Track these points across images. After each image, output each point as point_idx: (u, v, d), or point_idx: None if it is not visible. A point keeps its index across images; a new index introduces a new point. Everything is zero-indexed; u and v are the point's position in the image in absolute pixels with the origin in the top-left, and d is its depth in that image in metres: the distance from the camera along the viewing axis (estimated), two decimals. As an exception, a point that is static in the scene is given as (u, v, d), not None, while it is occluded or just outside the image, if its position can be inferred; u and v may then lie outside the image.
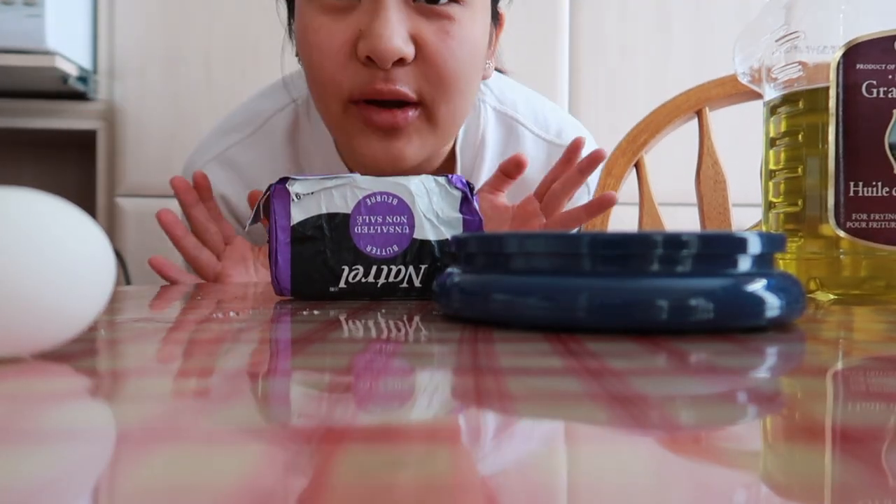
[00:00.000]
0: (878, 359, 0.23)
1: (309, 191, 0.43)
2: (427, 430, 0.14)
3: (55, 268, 0.21)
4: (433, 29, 0.64)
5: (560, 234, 0.30)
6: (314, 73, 0.67)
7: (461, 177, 0.44)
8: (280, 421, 0.15)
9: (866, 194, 0.43)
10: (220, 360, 0.22)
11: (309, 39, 0.66)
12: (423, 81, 0.65)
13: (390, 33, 0.61)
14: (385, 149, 0.66)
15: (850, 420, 0.15)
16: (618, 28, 1.44)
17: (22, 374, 0.20)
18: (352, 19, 0.63)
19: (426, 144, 0.68)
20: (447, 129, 0.69)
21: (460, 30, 0.65)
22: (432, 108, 0.66)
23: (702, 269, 0.28)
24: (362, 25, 0.63)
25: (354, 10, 0.64)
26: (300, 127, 0.81)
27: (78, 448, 0.13)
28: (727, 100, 0.89)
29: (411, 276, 0.43)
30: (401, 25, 0.62)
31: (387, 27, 0.61)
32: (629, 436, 0.14)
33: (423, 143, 0.68)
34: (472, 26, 0.66)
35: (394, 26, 0.61)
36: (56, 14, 1.23)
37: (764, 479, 0.12)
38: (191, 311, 0.38)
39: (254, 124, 0.81)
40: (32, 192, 0.22)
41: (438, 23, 0.64)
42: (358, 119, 0.66)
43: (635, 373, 0.20)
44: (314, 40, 0.65)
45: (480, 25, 0.68)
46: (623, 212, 0.98)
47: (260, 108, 0.82)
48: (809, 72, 0.45)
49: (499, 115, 0.83)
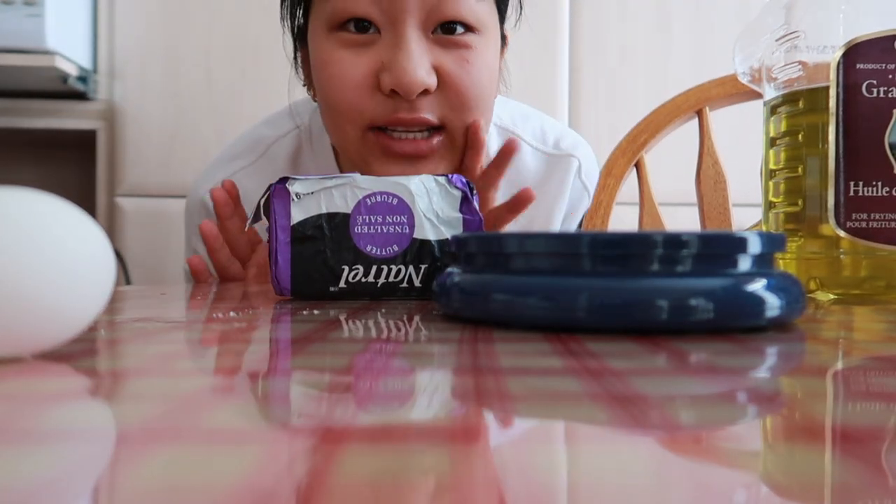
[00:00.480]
0: (878, 359, 0.23)
1: (309, 190, 0.43)
2: (427, 430, 0.14)
3: (55, 268, 0.21)
4: (452, 58, 0.66)
5: (560, 234, 0.30)
6: (333, 102, 0.68)
7: (461, 177, 0.44)
8: (280, 421, 0.15)
9: (866, 194, 0.43)
10: (221, 360, 0.22)
11: (330, 72, 0.67)
12: (447, 108, 0.67)
13: (414, 66, 0.63)
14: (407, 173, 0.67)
15: (850, 420, 0.15)
16: (618, 28, 1.44)
17: (22, 374, 0.20)
18: (373, 53, 0.65)
19: (449, 167, 0.70)
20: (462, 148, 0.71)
21: (477, 57, 0.67)
22: (454, 133, 0.68)
23: (702, 269, 0.28)
24: (384, 58, 0.65)
25: (375, 44, 0.65)
26: (302, 154, 0.82)
27: (78, 448, 0.13)
28: (727, 100, 0.90)
29: (411, 276, 0.43)
30: (423, 58, 0.64)
31: (410, 60, 0.63)
32: (629, 436, 0.14)
33: (446, 167, 0.70)
34: (487, 52, 0.68)
35: (417, 59, 0.63)
36: (56, 14, 1.23)
37: (764, 479, 0.12)
38: (191, 311, 0.38)
39: (257, 151, 0.83)
40: (32, 192, 0.22)
41: (457, 52, 0.66)
42: (376, 146, 0.67)
43: (635, 373, 0.20)
44: (336, 72, 0.66)
45: (493, 50, 0.70)
46: (623, 212, 0.98)
47: (263, 135, 0.84)
48: (809, 72, 0.45)
49: (500, 132, 0.85)
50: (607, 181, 0.88)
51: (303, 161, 0.82)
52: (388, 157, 0.67)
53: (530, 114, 0.89)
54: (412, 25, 0.64)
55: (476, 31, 0.67)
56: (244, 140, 0.85)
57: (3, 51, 1.21)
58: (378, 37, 0.65)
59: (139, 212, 1.38)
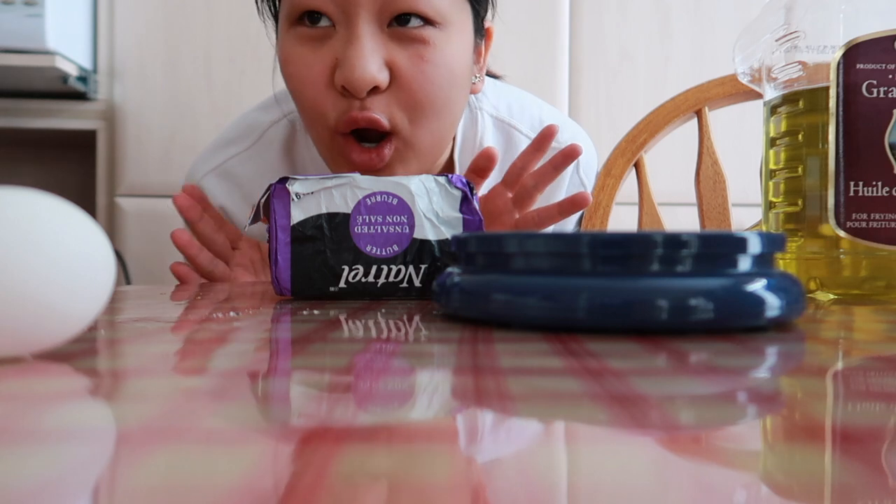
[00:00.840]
0: (878, 359, 0.23)
1: (309, 190, 0.43)
2: (427, 430, 0.14)
3: (55, 268, 0.21)
4: (407, 55, 0.63)
5: (560, 234, 0.30)
6: (299, 103, 0.68)
7: (461, 176, 0.44)
8: (280, 421, 0.15)
9: (866, 194, 0.43)
10: (220, 360, 0.22)
11: (290, 71, 0.66)
12: (396, 108, 0.64)
13: (364, 63, 0.61)
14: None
15: (850, 420, 0.15)
16: (618, 29, 1.44)
17: (22, 374, 0.20)
18: (328, 48, 0.64)
19: (410, 167, 0.68)
20: (429, 151, 0.69)
21: (435, 53, 0.64)
22: (409, 137, 0.66)
23: (702, 269, 0.28)
24: (338, 54, 0.63)
25: (331, 38, 0.64)
26: (297, 139, 0.82)
27: (78, 448, 0.13)
28: (727, 100, 0.89)
29: (411, 276, 0.43)
30: (375, 54, 0.62)
31: (361, 56, 0.61)
32: (629, 436, 0.14)
33: (406, 170, 0.68)
34: (449, 48, 0.65)
35: (367, 55, 0.61)
36: (56, 14, 1.23)
37: (764, 479, 0.12)
38: (191, 311, 0.38)
39: (251, 137, 0.82)
40: (32, 192, 0.22)
41: (413, 48, 0.64)
42: (342, 152, 0.66)
43: (635, 373, 0.20)
44: (294, 71, 0.66)
45: (459, 46, 0.67)
46: (623, 212, 0.98)
47: (257, 121, 0.83)
48: (809, 72, 0.45)
49: (496, 123, 0.83)
50: (606, 181, 0.88)
51: (297, 146, 0.81)
52: (349, 166, 0.66)
53: (529, 102, 0.87)
54: (365, 19, 0.62)
55: (435, 24, 0.64)
56: (239, 125, 0.84)
57: (3, 51, 1.21)
58: (333, 31, 0.64)
59: (139, 212, 1.38)
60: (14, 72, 1.24)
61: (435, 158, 0.72)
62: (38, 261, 0.20)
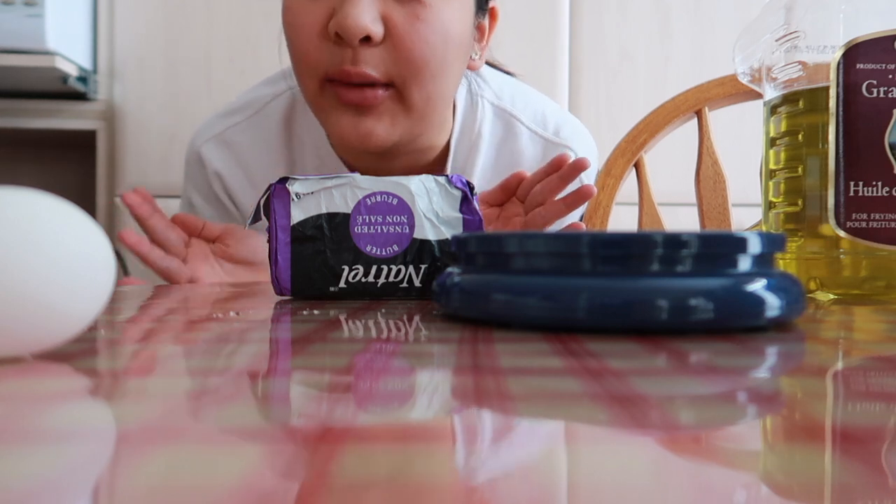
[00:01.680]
0: (878, 359, 0.23)
1: (309, 190, 0.43)
2: (427, 430, 0.14)
3: (55, 268, 0.21)
4: (404, 12, 0.66)
5: (560, 234, 0.30)
6: (292, 52, 0.69)
7: (461, 176, 0.44)
8: (280, 421, 0.15)
9: (866, 194, 0.43)
10: (220, 360, 0.22)
11: (288, 19, 0.68)
12: (391, 64, 0.66)
13: (359, 11, 0.63)
14: (355, 126, 0.68)
15: (850, 420, 0.15)
16: (618, 28, 1.44)
17: (22, 374, 0.20)
18: (327, 0, 0.66)
19: (397, 125, 0.69)
20: (422, 112, 0.70)
21: (431, 14, 0.66)
22: (403, 91, 0.67)
23: (702, 269, 0.28)
24: (336, 4, 0.65)
25: None
26: (296, 112, 0.83)
27: (78, 448, 0.13)
28: (727, 100, 0.89)
29: (411, 276, 0.43)
30: (371, 6, 0.64)
31: (357, 5, 0.63)
32: (629, 436, 0.14)
33: (393, 124, 0.69)
34: (447, 12, 0.67)
35: (364, 5, 0.64)
36: (56, 14, 1.23)
37: (764, 479, 0.12)
38: (191, 311, 0.38)
39: (253, 108, 0.85)
40: (32, 192, 0.22)
41: (410, 6, 0.66)
42: (332, 96, 0.68)
43: (635, 373, 0.20)
44: (292, 19, 0.68)
45: (458, 13, 0.69)
46: (623, 212, 0.98)
47: (261, 94, 0.86)
48: (809, 72, 0.45)
49: (496, 111, 0.83)
50: (607, 181, 0.88)
51: (296, 120, 0.83)
52: (339, 106, 0.68)
53: (532, 96, 0.87)
54: None
55: None
56: (243, 97, 0.87)
57: (3, 51, 1.21)
58: None
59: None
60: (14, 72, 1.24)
61: (424, 123, 0.72)
62: (38, 261, 0.20)
